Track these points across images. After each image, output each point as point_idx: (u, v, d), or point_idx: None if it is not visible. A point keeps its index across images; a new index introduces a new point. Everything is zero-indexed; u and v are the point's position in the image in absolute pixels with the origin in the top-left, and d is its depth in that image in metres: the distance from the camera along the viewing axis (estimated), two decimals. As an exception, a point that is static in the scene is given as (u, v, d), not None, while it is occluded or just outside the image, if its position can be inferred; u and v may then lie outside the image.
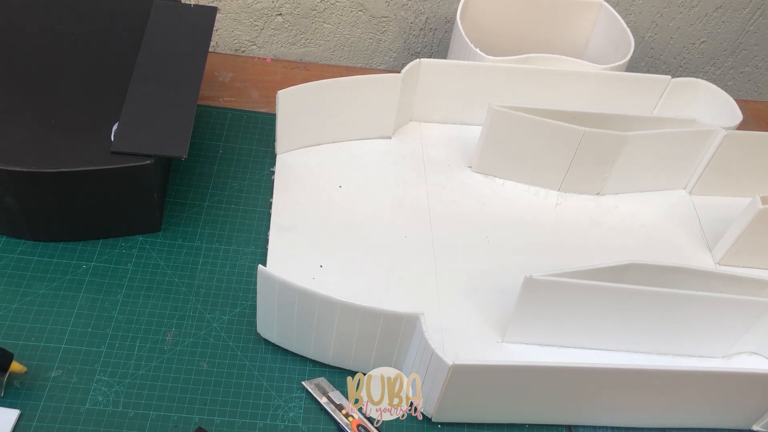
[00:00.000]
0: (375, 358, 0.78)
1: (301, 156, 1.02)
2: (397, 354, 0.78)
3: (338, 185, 0.99)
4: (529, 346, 0.85)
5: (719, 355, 0.87)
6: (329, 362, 0.81)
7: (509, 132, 0.97)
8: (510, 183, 1.03)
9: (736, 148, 1.00)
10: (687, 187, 1.07)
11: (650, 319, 0.82)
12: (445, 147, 1.07)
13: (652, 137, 0.98)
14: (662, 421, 0.82)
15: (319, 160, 1.02)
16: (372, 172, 1.02)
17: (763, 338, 0.86)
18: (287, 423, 0.77)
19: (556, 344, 0.85)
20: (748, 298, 0.81)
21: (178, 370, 0.79)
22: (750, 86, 1.38)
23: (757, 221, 0.92)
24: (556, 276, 0.77)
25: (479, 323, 0.86)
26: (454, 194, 1.01)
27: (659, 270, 0.82)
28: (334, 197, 0.97)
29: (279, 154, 1.01)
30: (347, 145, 1.04)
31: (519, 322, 0.82)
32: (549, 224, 0.99)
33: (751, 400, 0.80)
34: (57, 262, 0.87)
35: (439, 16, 1.26)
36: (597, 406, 0.79)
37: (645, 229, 1.01)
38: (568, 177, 1.01)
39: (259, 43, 1.26)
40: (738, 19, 1.27)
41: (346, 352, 0.79)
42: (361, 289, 0.87)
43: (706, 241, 1.00)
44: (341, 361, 0.80)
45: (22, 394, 0.75)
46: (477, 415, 0.79)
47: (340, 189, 0.98)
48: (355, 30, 1.26)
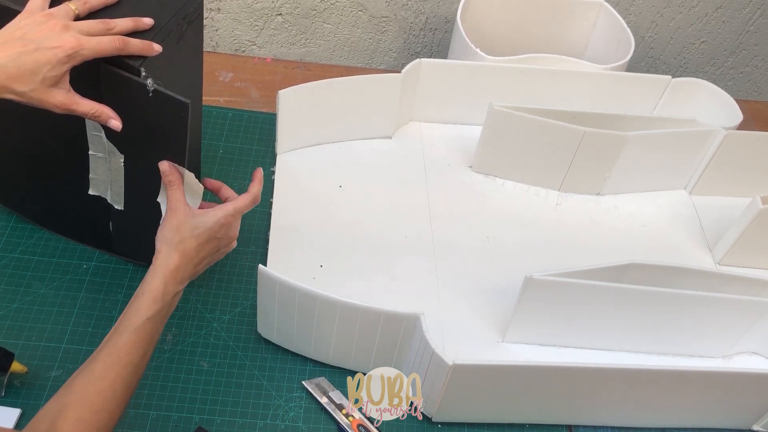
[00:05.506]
0: (375, 357, 0.78)
1: (301, 156, 1.02)
2: (397, 354, 0.78)
3: (339, 185, 0.99)
4: (530, 346, 0.85)
5: (719, 355, 0.87)
6: (329, 362, 0.81)
7: (509, 132, 0.97)
8: (510, 183, 1.03)
9: (737, 148, 1.00)
10: (687, 187, 1.07)
11: (650, 319, 0.82)
12: (445, 147, 1.07)
13: (652, 137, 0.98)
14: (662, 421, 0.82)
15: (319, 160, 1.02)
16: (372, 172, 1.02)
17: (763, 338, 0.86)
18: (287, 423, 0.77)
19: (556, 344, 0.85)
20: (748, 298, 0.81)
21: (179, 369, 0.79)
22: (750, 86, 1.38)
23: (758, 221, 0.92)
24: (556, 276, 0.77)
25: (479, 323, 0.86)
26: (454, 194, 1.01)
27: (659, 270, 0.82)
28: (335, 197, 0.97)
29: (279, 154, 1.01)
30: (348, 145, 1.05)
31: (519, 321, 0.82)
32: (549, 224, 0.99)
33: (751, 400, 0.80)
34: (57, 262, 0.87)
35: (439, 16, 1.26)
36: (597, 406, 0.79)
37: (645, 229, 1.01)
38: (568, 177, 1.01)
39: (259, 43, 1.26)
40: (738, 19, 1.27)
41: (346, 352, 0.79)
42: (362, 289, 0.87)
43: (706, 241, 1.00)
44: (341, 361, 0.80)
45: (22, 394, 0.75)
46: (477, 415, 0.79)
47: (341, 189, 0.98)
48: (355, 30, 1.26)
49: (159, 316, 0.66)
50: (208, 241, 0.71)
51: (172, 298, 0.68)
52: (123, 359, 0.62)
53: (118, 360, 0.62)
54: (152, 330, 0.65)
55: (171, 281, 0.67)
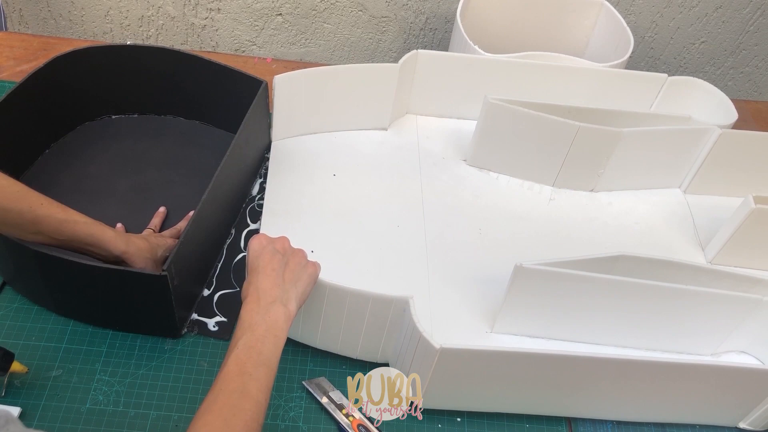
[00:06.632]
0: (363, 342, 0.79)
1: (296, 143, 1.02)
2: (385, 339, 0.78)
3: (332, 173, 0.99)
4: (518, 337, 0.85)
5: (707, 353, 0.87)
6: (317, 345, 0.81)
7: (504, 125, 0.98)
8: (504, 177, 1.04)
9: (732, 147, 1.00)
10: (681, 186, 1.07)
11: (639, 312, 0.82)
12: (440, 140, 1.07)
13: (647, 134, 0.98)
14: (650, 415, 0.82)
15: (314, 149, 1.02)
16: (367, 161, 1.02)
17: (752, 337, 0.85)
18: (288, 423, 0.77)
19: (543, 336, 0.85)
20: (737, 294, 0.81)
21: (179, 369, 0.79)
22: (750, 86, 1.38)
23: (750, 221, 0.91)
24: (546, 265, 0.77)
25: (468, 313, 0.86)
26: (448, 186, 1.01)
27: (649, 263, 0.82)
28: (328, 185, 0.98)
29: (274, 141, 1.01)
30: (343, 135, 1.05)
31: (508, 311, 0.82)
32: (542, 219, 0.99)
33: (738, 397, 0.79)
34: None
35: (439, 15, 1.26)
36: (584, 396, 0.79)
37: (638, 226, 1.01)
38: (562, 172, 1.01)
39: (259, 43, 1.26)
40: (738, 19, 1.27)
41: (333, 336, 0.79)
42: (352, 276, 0.87)
43: (698, 240, 1.00)
44: (329, 345, 0.81)
45: (23, 394, 0.75)
46: (464, 403, 0.79)
47: (335, 177, 0.99)
48: (355, 30, 1.26)
49: (250, 340, 0.64)
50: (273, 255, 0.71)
51: (258, 318, 0.66)
52: (225, 389, 0.61)
53: (220, 390, 0.61)
54: (245, 356, 0.63)
55: (247, 305, 0.67)
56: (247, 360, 0.62)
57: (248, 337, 0.64)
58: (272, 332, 0.65)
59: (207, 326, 0.83)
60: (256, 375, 0.62)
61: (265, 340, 0.64)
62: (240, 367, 0.62)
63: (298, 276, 0.71)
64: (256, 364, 0.62)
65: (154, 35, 1.36)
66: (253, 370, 0.62)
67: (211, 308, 0.84)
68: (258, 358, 0.63)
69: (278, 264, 0.70)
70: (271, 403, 0.78)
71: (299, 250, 0.74)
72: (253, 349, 0.63)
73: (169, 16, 1.31)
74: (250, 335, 0.64)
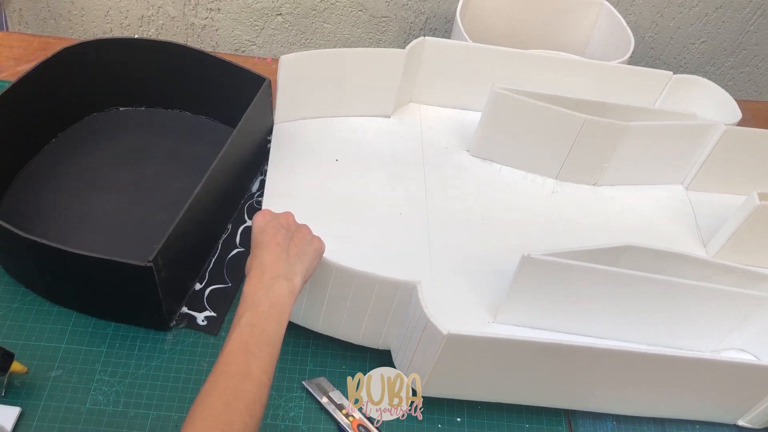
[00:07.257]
0: (366, 326, 0.78)
1: (299, 127, 1.01)
2: (389, 324, 0.77)
3: (335, 158, 0.98)
4: (520, 328, 0.84)
5: (708, 350, 0.87)
6: (318, 329, 0.80)
7: (510, 116, 0.97)
8: (507, 168, 1.03)
9: (736, 144, 1.00)
10: (684, 183, 1.07)
11: (642, 306, 0.81)
12: (444, 130, 1.06)
13: (652, 128, 0.98)
14: (651, 410, 0.82)
15: (317, 133, 1.01)
16: (370, 148, 1.01)
17: (752, 335, 0.85)
18: (287, 423, 0.77)
19: (546, 328, 0.85)
20: (740, 291, 0.80)
21: (179, 369, 0.79)
22: (750, 86, 1.39)
23: (753, 218, 0.91)
24: (554, 256, 0.77)
25: (470, 303, 0.85)
26: (450, 176, 1.00)
27: (654, 255, 0.81)
28: (331, 169, 0.97)
29: (277, 124, 1.00)
30: (346, 121, 1.04)
31: (512, 302, 0.81)
32: (544, 211, 0.98)
33: (738, 394, 0.79)
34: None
35: (439, 15, 1.26)
36: (585, 388, 0.78)
37: (640, 221, 1.01)
38: (566, 165, 1.01)
39: (259, 43, 1.26)
40: (738, 19, 1.27)
41: (336, 320, 0.78)
42: (354, 261, 0.85)
43: (700, 237, 1.00)
44: (331, 329, 0.80)
45: (22, 394, 0.75)
46: (467, 392, 0.78)
47: (337, 162, 0.98)
48: (355, 30, 1.26)
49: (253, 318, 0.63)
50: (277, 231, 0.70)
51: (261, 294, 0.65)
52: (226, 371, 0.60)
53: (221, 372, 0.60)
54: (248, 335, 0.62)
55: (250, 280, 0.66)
56: (250, 339, 0.61)
57: (251, 315, 0.63)
58: (276, 309, 0.64)
59: (196, 320, 0.82)
60: (260, 354, 0.61)
61: (269, 317, 0.63)
62: (243, 345, 0.61)
63: (303, 251, 0.70)
64: (259, 343, 0.61)
65: (154, 35, 1.36)
66: (257, 350, 0.61)
67: (202, 302, 0.84)
68: (261, 336, 0.62)
69: (282, 238, 0.69)
70: (270, 403, 0.78)
71: (304, 225, 0.74)
72: (256, 327, 0.62)
73: (169, 16, 1.32)
74: (253, 312, 0.63)
